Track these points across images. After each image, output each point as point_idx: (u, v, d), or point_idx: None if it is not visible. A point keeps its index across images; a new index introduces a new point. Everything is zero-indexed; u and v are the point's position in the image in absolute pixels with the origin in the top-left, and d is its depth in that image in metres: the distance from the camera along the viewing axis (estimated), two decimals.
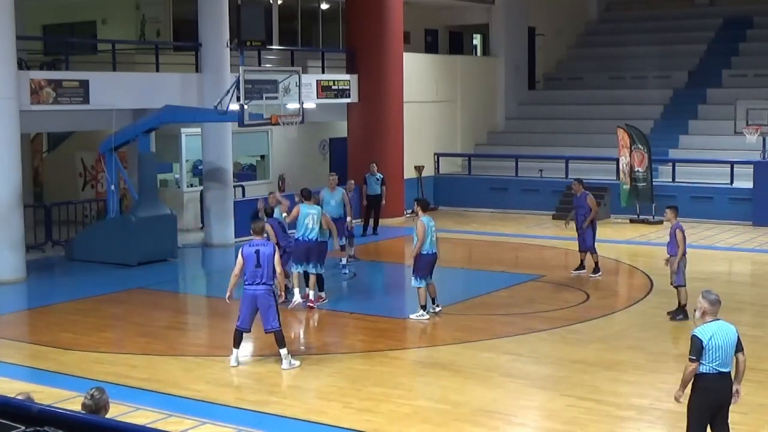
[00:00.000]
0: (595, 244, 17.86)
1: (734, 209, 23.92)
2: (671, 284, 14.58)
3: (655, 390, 11.00)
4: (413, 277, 14.59)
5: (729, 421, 8.51)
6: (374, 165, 23.09)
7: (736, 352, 8.28)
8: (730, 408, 10.23)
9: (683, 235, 14.32)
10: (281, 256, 12.75)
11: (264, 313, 12.07)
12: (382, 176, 23.04)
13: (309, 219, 15.13)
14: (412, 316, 14.60)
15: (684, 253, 14.35)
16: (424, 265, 14.46)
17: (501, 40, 31.02)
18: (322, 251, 15.41)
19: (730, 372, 8.26)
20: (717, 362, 8.14)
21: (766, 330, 14.31)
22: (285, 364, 12.12)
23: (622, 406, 10.61)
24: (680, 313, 14.34)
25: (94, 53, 23.86)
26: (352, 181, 20.97)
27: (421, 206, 14.82)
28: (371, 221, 23.15)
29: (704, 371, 8.14)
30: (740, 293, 16.97)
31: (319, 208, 15.48)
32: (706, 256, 20.00)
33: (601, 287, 17.20)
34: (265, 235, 12.86)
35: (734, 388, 8.35)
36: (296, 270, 15.17)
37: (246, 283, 12.11)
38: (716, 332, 8.15)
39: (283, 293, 12.45)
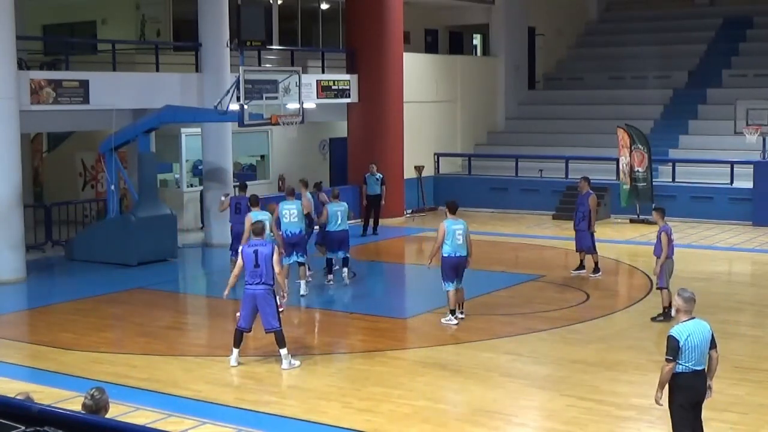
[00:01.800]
0: (595, 244, 17.83)
1: (734, 209, 23.92)
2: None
3: (654, 390, 10.97)
4: (442, 281, 14.29)
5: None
6: (374, 165, 23.08)
7: (710, 349, 8.32)
8: (730, 409, 10.27)
9: (668, 238, 14.17)
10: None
11: (264, 313, 12.08)
12: (381, 176, 23.02)
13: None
14: (442, 320, 14.32)
15: (668, 256, 14.22)
16: (447, 268, 14.16)
17: (501, 40, 31.01)
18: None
19: (704, 369, 8.32)
20: (692, 361, 8.20)
21: (766, 330, 14.33)
22: (285, 364, 12.12)
23: (622, 406, 10.61)
24: (662, 315, 14.24)
25: (94, 53, 23.86)
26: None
27: (448, 208, 14.61)
28: (371, 221, 23.14)
29: (680, 371, 8.19)
30: (740, 293, 17.00)
31: (269, 214, 15.39)
32: (706, 256, 20.00)
33: (601, 287, 17.20)
34: (270, 235, 12.82)
35: (708, 384, 8.38)
36: None
37: (246, 283, 12.12)
38: (693, 332, 8.20)
39: (285, 293, 12.43)
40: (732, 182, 24.35)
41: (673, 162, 25.61)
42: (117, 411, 9.30)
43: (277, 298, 12.35)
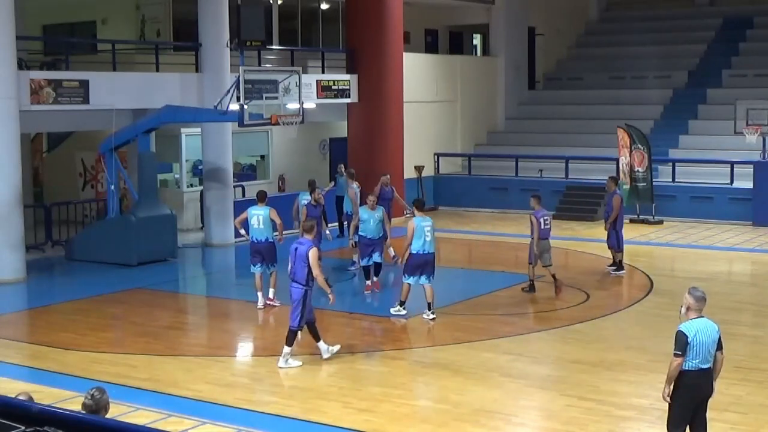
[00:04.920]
0: (620, 242, 17.94)
1: (734, 209, 23.91)
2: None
3: (655, 390, 10.96)
4: (404, 274, 14.60)
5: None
6: (342, 165, 22.72)
7: (716, 350, 8.33)
8: (730, 409, 10.27)
9: (537, 221, 16.00)
10: None
11: (292, 310, 12.13)
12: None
13: (255, 220, 15.36)
14: (392, 310, 14.71)
15: (540, 238, 16.04)
16: (412, 265, 14.33)
17: (501, 40, 31.01)
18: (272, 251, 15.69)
19: (710, 368, 8.32)
20: (699, 359, 8.20)
21: (766, 330, 14.33)
22: (281, 362, 12.08)
23: (622, 406, 10.61)
24: (529, 287, 16.32)
25: (94, 53, 23.85)
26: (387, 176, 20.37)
27: (416, 206, 14.89)
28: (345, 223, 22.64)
29: (687, 368, 8.19)
30: (740, 293, 16.99)
31: (268, 208, 15.46)
32: (706, 256, 20.01)
33: (601, 287, 17.21)
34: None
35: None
36: (254, 270, 15.57)
37: (291, 280, 12.25)
38: (700, 329, 8.21)
39: (331, 295, 12.32)
40: (732, 182, 24.34)
41: (673, 162, 25.61)
42: (117, 411, 9.30)
43: (330, 297, 12.29)
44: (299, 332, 12.29)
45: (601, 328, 14.23)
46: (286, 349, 12.15)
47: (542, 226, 16.13)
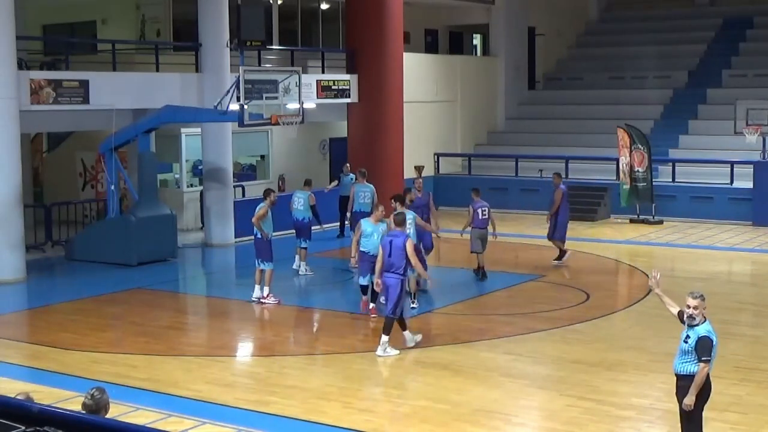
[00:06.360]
0: (553, 233, 18.88)
1: (734, 209, 23.91)
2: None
3: (655, 390, 11.00)
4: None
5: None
6: (348, 165, 22.79)
7: None
8: (730, 409, 10.29)
9: (474, 211, 17.17)
10: None
11: (390, 299, 12.49)
12: (354, 176, 22.58)
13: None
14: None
15: (476, 227, 17.19)
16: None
17: (501, 40, 31.02)
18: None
19: None
20: (714, 360, 8.23)
21: (766, 330, 14.33)
22: (379, 351, 12.38)
23: (622, 406, 10.61)
24: (480, 273, 17.36)
25: (94, 53, 23.85)
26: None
27: (398, 201, 15.28)
28: (346, 222, 22.64)
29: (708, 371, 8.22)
30: (740, 293, 17.00)
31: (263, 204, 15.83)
32: (706, 256, 20.01)
33: (601, 287, 17.21)
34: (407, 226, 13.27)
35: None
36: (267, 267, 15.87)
37: (384, 270, 12.57)
38: (714, 331, 8.24)
39: (428, 279, 12.52)
40: (732, 182, 24.34)
41: (673, 162, 25.61)
42: (117, 411, 9.30)
43: (428, 282, 12.42)
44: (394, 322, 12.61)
45: (601, 328, 14.23)
46: (384, 338, 12.41)
47: (480, 216, 17.17)
